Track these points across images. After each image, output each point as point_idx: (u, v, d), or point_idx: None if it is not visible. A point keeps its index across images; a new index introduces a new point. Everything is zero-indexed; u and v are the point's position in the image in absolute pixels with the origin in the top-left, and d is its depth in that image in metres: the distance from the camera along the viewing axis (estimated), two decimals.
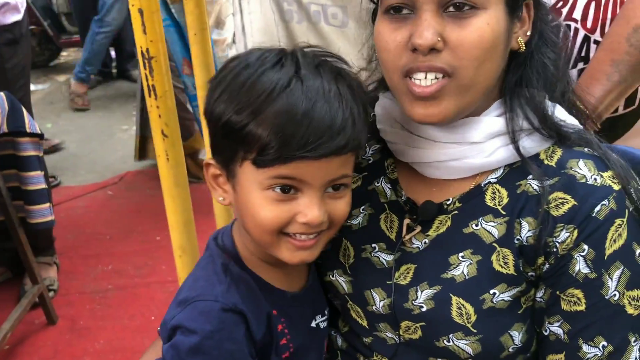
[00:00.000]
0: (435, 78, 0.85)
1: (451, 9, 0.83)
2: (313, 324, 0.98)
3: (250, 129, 0.79)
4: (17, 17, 2.77)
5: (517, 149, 0.90)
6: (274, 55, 0.83)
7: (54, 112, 5.33)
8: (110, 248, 3.24)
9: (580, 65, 1.31)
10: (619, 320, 0.85)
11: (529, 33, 0.92)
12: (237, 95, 0.81)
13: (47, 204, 2.39)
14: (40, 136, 2.34)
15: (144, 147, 3.95)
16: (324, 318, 1.01)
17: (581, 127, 0.94)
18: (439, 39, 0.83)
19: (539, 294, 0.90)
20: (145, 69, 1.40)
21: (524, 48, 0.92)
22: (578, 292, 0.86)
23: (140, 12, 1.36)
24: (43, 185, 2.36)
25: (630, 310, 0.85)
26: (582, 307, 0.86)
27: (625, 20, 1.21)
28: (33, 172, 2.32)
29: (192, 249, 1.62)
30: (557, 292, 0.87)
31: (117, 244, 3.26)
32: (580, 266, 0.85)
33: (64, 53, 6.72)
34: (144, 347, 2.48)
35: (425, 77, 0.85)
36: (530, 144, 0.91)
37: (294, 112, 0.77)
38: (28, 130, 2.29)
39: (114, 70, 5.86)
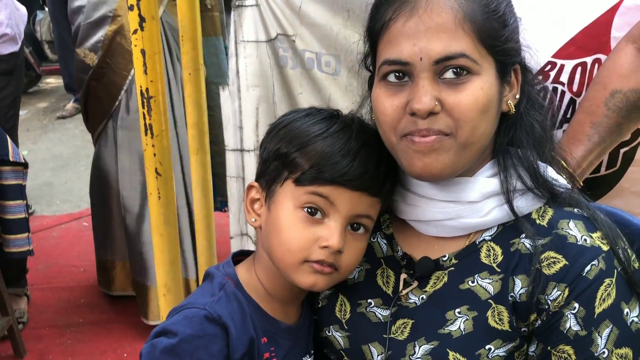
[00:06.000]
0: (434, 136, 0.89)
1: (449, 74, 0.88)
2: None
3: (300, 156, 0.93)
4: (15, 48, 2.79)
5: (512, 209, 0.93)
6: (328, 113, 1.00)
7: (31, 139, 5.28)
8: (83, 281, 3.19)
9: (565, 126, 1.36)
10: None
11: (518, 96, 0.98)
12: (291, 133, 0.96)
13: (26, 234, 2.36)
14: (24, 165, 2.33)
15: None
16: (311, 359, 1.04)
17: (569, 186, 0.98)
18: (437, 103, 0.88)
19: (532, 348, 0.92)
20: (143, 107, 1.42)
21: (514, 110, 0.97)
22: (569, 349, 0.88)
23: (143, 52, 1.39)
24: (23, 215, 2.33)
25: None
26: None
27: (601, 86, 1.28)
28: (14, 202, 2.30)
29: (176, 288, 1.61)
30: (549, 348, 0.90)
31: (90, 277, 3.20)
32: (571, 323, 0.88)
33: (44, 80, 6.69)
34: None
35: (425, 138, 0.89)
36: (524, 204, 0.95)
37: (340, 150, 0.92)
38: (11, 159, 2.28)
39: None
